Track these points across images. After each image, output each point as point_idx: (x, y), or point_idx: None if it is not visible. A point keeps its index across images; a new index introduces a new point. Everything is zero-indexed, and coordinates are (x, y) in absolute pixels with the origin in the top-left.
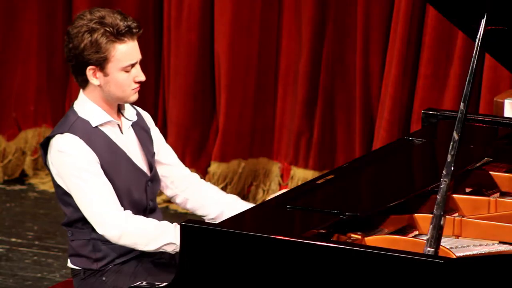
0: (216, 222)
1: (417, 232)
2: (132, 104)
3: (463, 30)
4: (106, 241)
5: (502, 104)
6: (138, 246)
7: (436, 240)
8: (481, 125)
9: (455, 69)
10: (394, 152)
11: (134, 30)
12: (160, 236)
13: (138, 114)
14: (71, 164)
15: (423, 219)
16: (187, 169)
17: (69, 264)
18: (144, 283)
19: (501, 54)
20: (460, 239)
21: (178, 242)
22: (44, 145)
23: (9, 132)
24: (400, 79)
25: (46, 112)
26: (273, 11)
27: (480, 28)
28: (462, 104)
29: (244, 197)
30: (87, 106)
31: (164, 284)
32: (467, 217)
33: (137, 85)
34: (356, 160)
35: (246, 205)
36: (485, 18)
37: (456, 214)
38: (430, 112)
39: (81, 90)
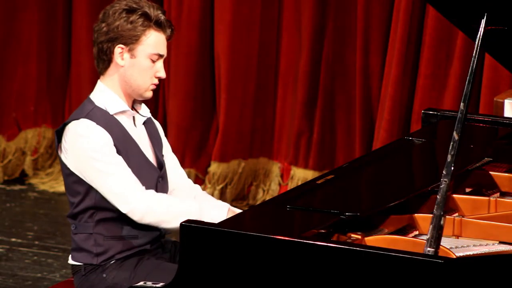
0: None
1: (417, 232)
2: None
3: (463, 30)
4: (108, 236)
5: (502, 104)
6: (162, 224)
7: (436, 240)
8: (481, 125)
9: (455, 69)
10: (394, 152)
11: (169, 28)
12: (184, 214)
13: (149, 119)
14: (89, 148)
15: (423, 219)
16: (190, 181)
17: (70, 261)
18: (143, 283)
19: (501, 54)
20: (460, 239)
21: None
22: (59, 132)
23: (9, 132)
24: (400, 79)
25: (46, 112)
26: (273, 11)
27: (480, 28)
28: (462, 104)
29: (244, 197)
30: (104, 94)
31: (164, 284)
32: (467, 217)
33: (156, 81)
34: (356, 160)
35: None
36: (485, 18)
37: (456, 214)
38: (430, 112)
39: (98, 81)
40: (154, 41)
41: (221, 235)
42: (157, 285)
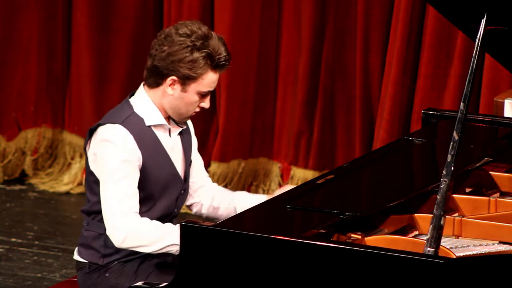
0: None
1: (417, 232)
2: None
3: (463, 30)
4: None
5: (502, 104)
6: (141, 249)
7: (436, 240)
8: (481, 125)
9: (455, 69)
10: (394, 152)
11: (227, 64)
12: (163, 238)
13: (186, 122)
14: (111, 156)
15: (423, 219)
16: (209, 179)
17: (75, 256)
18: (143, 283)
19: (501, 54)
20: (460, 239)
21: None
22: (91, 130)
23: (9, 132)
24: (400, 79)
25: (46, 112)
26: (273, 11)
27: (480, 28)
28: (462, 104)
29: None
30: (145, 104)
31: (164, 284)
32: (467, 217)
33: (199, 110)
34: (356, 160)
35: (255, 197)
36: (485, 18)
37: (456, 214)
38: (430, 112)
39: (142, 85)
40: (209, 81)
41: (221, 235)
42: (157, 285)
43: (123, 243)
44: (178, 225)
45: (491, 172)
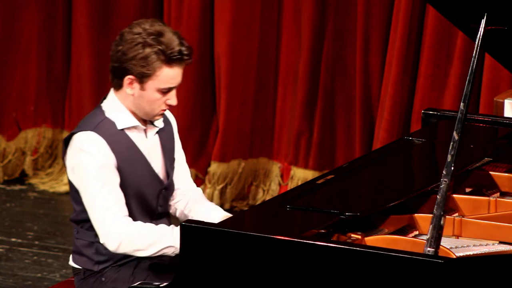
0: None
1: (417, 232)
2: None
3: (463, 30)
4: None
5: (502, 104)
6: (137, 253)
7: (436, 240)
8: (481, 125)
9: (455, 69)
10: (394, 152)
11: (186, 58)
12: (158, 240)
13: (165, 120)
14: (88, 164)
15: (423, 219)
16: (193, 184)
17: (71, 262)
18: (143, 283)
19: (501, 54)
20: (460, 239)
21: (177, 244)
22: (67, 140)
23: (9, 132)
24: (400, 79)
25: (46, 112)
26: (273, 11)
27: (480, 28)
28: (462, 104)
29: (244, 197)
30: (116, 108)
31: (164, 284)
32: (467, 217)
33: (166, 108)
34: (356, 160)
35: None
36: (485, 18)
37: (456, 214)
38: (430, 112)
39: (112, 90)
40: (165, 77)
41: (221, 235)
42: (157, 285)
43: (118, 248)
44: (172, 226)
45: (491, 172)
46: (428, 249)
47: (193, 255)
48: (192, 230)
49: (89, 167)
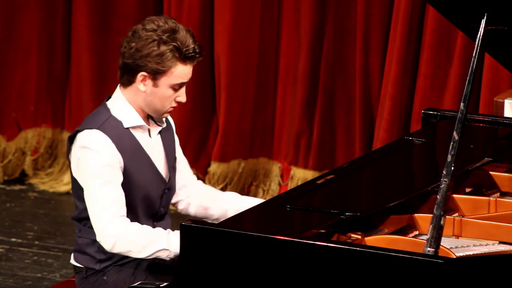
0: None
1: (417, 232)
2: None
3: (463, 30)
4: None
5: (502, 104)
6: (131, 254)
7: (436, 240)
8: (481, 125)
9: (455, 69)
10: (394, 152)
11: (198, 56)
12: (152, 243)
13: (167, 120)
14: (92, 163)
15: (423, 219)
16: (194, 177)
17: (72, 261)
18: (143, 283)
19: (501, 54)
20: (460, 239)
21: (171, 248)
22: (71, 137)
23: (9, 132)
24: (400, 79)
25: (46, 112)
26: (273, 11)
27: (480, 28)
28: (462, 104)
29: None
30: (122, 106)
31: (164, 284)
32: (467, 217)
33: (175, 105)
34: (356, 160)
35: (247, 199)
36: (485, 18)
37: (456, 214)
38: (430, 112)
39: (118, 87)
40: (179, 73)
41: (221, 235)
42: (157, 285)
43: (113, 248)
44: (168, 230)
45: (491, 172)
46: (428, 249)
47: (193, 255)
48: (192, 230)
49: (93, 165)
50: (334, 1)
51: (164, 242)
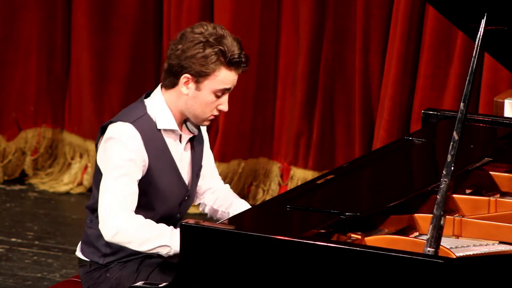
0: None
1: (417, 233)
2: None
3: (463, 30)
4: None
5: (502, 104)
6: (131, 245)
7: (436, 240)
8: (481, 125)
9: (455, 69)
10: (394, 152)
11: (243, 65)
12: (154, 238)
13: (199, 130)
14: (116, 154)
15: (423, 219)
16: (221, 181)
17: (78, 253)
18: (143, 283)
19: (501, 54)
20: (460, 239)
21: (173, 245)
22: (103, 128)
23: (9, 132)
24: (400, 79)
25: (46, 112)
26: (273, 11)
27: (480, 28)
28: (462, 104)
29: (244, 197)
30: (159, 107)
31: (164, 284)
32: (467, 217)
33: (216, 113)
34: (356, 160)
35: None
36: (485, 18)
37: (456, 214)
38: (430, 112)
39: (159, 88)
40: (223, 79)
41: (221, 235)
42: (158, 285)
43: (113, 238)
44: (171, 227)
45: (491, 172)
46: (428, 249)
47: (193, 255)
48: (191, 230)
49: (117, 155)
50: (334, 1)
51: (166, 239)
